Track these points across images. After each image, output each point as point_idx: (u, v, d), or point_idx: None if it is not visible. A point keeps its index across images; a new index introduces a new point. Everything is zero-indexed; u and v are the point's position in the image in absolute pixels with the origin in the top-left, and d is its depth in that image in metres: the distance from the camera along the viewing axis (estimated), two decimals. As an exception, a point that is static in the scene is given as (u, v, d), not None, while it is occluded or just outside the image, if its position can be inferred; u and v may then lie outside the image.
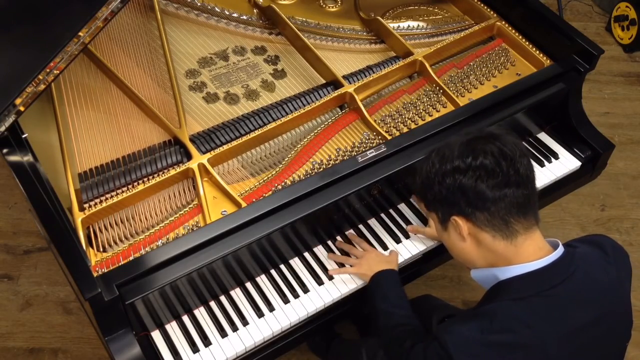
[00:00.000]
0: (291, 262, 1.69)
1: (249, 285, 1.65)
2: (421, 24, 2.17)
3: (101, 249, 1.54)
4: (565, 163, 1.95)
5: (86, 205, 1.58)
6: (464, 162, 1.24)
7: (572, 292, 1.24)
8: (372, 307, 1.56)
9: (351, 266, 1.65)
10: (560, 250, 1.27)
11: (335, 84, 1.90)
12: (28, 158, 1.58)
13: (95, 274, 1.40)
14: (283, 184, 1.67)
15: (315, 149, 1.77)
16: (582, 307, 1.24)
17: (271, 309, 1.61)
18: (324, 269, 1.68)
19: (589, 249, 1.34)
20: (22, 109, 1.55)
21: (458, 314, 1.70)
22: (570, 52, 1.95)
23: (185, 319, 1.58)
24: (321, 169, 1.71)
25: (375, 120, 1.82)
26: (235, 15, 2.07)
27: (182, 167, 1.65)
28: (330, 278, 1.66)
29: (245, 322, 1.58)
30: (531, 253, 1.26)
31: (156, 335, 1.55)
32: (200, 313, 1.60)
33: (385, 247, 1.73)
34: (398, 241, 1.75)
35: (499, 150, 1.23)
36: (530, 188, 1.26)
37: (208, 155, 1.67)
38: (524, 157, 1.26)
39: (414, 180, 1.38)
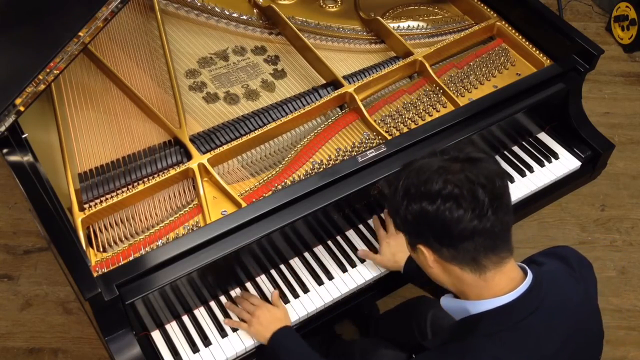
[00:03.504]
0: (291, 262, 1.69)
1: (248, 285, 1.65)
2: (421, 24, 2.17)
3: (101, 249, 1.54)
4: (565, 163, 1.95)
5: (86, 206, 1.58)
6: (432, 189, 1.14)
7: (543, 321, 1.20)
8: None
9: (246, 322, 1.58)
10: (530, 278, 1.22)
11: (335, 84, 1.89)
12: (28, 158, 1.58)
13: (95, 274, 1.40)
14: (283, 184, 1.67)
15: (315, 149, 1.76)
16: (553, 332, 1.21)
17: (271, 309, 1.61)
18: (324, 269, 1.68)
19: (554, 265, 1.30)
20: (22, 109, 1.55)
21: (440, 332, 1.67)
22: (570, 52, 1.95)
23: (185, 319, 1.58)
24: (321, 169, 1.71)
25: (375, 120, 1.82)
26: (235, 15, 2.06)
27: (182, 167, 1.65)
28: (331, 278, 1.66)
29: (245, 322, 1.58)
30: (502, 287, 1.20)
31: (156, 335, 1.55)
32: (200, 313, 1.60)
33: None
34: (398, 241, 1.75)
35: (470, 180, 1.13)
36: (505, 222, 1.16)
37: (208, 155, 1.67)
38: (500, 188, 1.16)
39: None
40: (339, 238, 1.75)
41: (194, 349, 1.53)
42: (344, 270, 1.69)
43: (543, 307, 1.20)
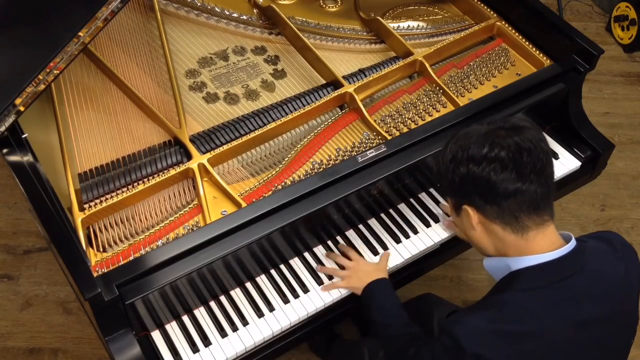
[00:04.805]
0: (291, 262, 1.69)
1: (249, 285, 1.65)
2: (421, 24, 2.17)
3: (101, 249, 1.54)
4: (565, 163, 1.95)
5: (86, 206, 1.58)
6: (479, 152, 1.23)
7: (582, 285, 1.24)
8: (369, 319, 1.56)
9: (341, 279, 1.63)
10: (573, 243, 1.28)
11: (335, 84, 1.89)
12: (28, 158, 1.58)
13: (95, 274, 1.40)
14: (283, 184, 1.67)
15: (315, 149, 1.77)
16: (591, 300, 1.25)
17: (271, 309, 1.61)
18: (324, 269, 1.68)
19: (598, 243, 1.34)
20: (22, 109, 1.55)
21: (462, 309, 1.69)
22: (570, 52, 1.95)
23: (185, 319, 1.58)
24: (321, 169, 1.71)
25: (375, 120, 1.82)
26: (235, 15, 2.07)
27: (182, 167, 1.65)
28: (330, 278, 1.66)
29: (245, 322, 1.58)
30: (543, 247, 1.26)
31: (156, 335, 1.55)
32: (200, 313, 1.60)
33: (385, 247, 1.73)
34: (398, 241, 1.75)
35: (517, 144, 1.22)
36: (546, 186, 1.24)
37: (208, 155, 1.67)
38: (544, 153, 1.24)
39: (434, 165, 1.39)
40: (339, 238, 1.75)
41: (194, 349, 1.53)
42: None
43: (583, 274, 1.25)
